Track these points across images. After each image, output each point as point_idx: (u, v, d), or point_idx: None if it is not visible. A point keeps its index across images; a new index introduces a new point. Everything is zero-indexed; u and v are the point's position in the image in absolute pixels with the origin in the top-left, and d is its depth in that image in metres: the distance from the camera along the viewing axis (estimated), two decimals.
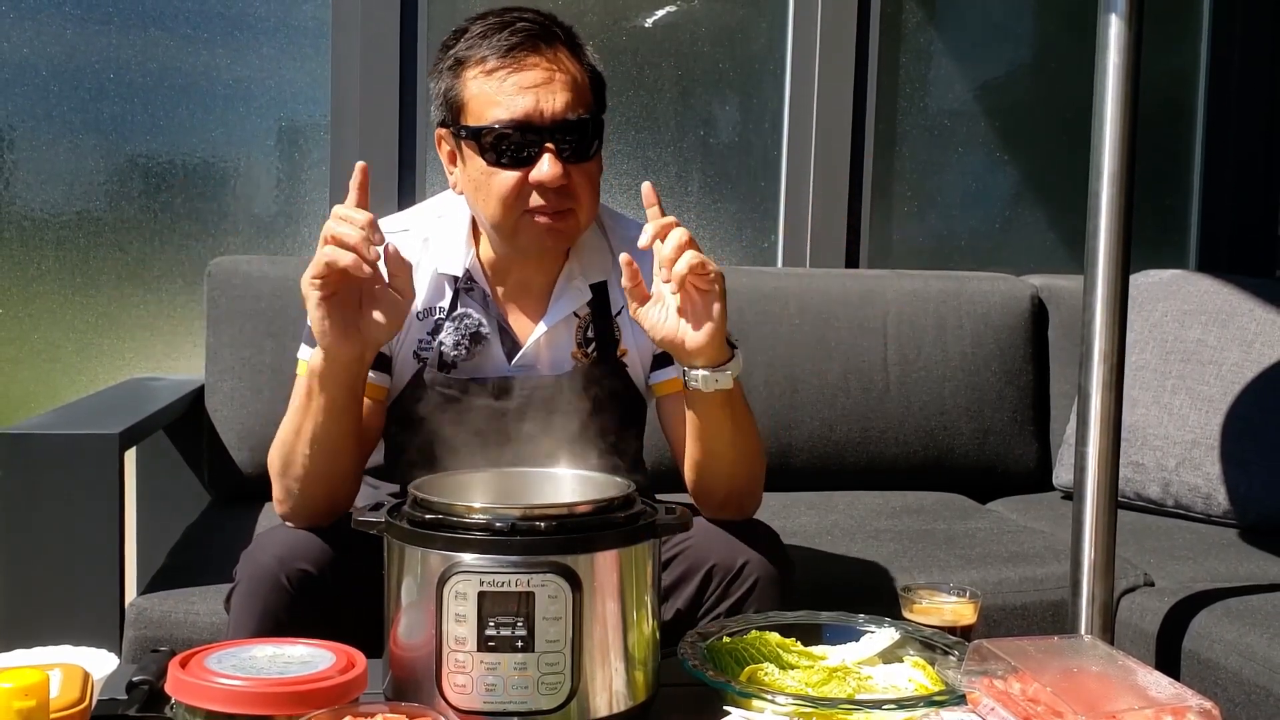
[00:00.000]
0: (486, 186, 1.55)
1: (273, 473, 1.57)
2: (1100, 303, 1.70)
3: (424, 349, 1.64)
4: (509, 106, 1.52)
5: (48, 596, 1.75)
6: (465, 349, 1.63)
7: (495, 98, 1.53)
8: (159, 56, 2.64)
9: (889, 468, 2.58)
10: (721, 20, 2.93)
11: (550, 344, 1.65)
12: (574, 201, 1.56)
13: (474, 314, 1.64)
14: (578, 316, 1.67)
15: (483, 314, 1.64)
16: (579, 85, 1.57)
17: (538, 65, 1.53)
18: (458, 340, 1.63)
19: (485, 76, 1.54)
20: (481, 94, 1.54)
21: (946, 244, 3.11)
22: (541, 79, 1.53)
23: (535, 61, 1.54)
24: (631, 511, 1.23)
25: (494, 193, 1.55)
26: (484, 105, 1.54)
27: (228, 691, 1.08)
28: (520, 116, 1.52)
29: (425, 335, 1.63)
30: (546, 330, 1.64)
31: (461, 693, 1.15)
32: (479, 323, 1.64)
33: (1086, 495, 1.71)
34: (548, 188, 1.53)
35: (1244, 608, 1.83)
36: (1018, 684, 1.13)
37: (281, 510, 1.57)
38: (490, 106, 1.53)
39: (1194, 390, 2.39)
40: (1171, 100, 3.22)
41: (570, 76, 1.55)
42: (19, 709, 0.99)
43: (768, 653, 1.31)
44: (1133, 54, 1.66)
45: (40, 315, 2.63)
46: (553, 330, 1.65)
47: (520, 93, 1.52)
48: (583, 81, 1.58)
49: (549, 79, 1.53)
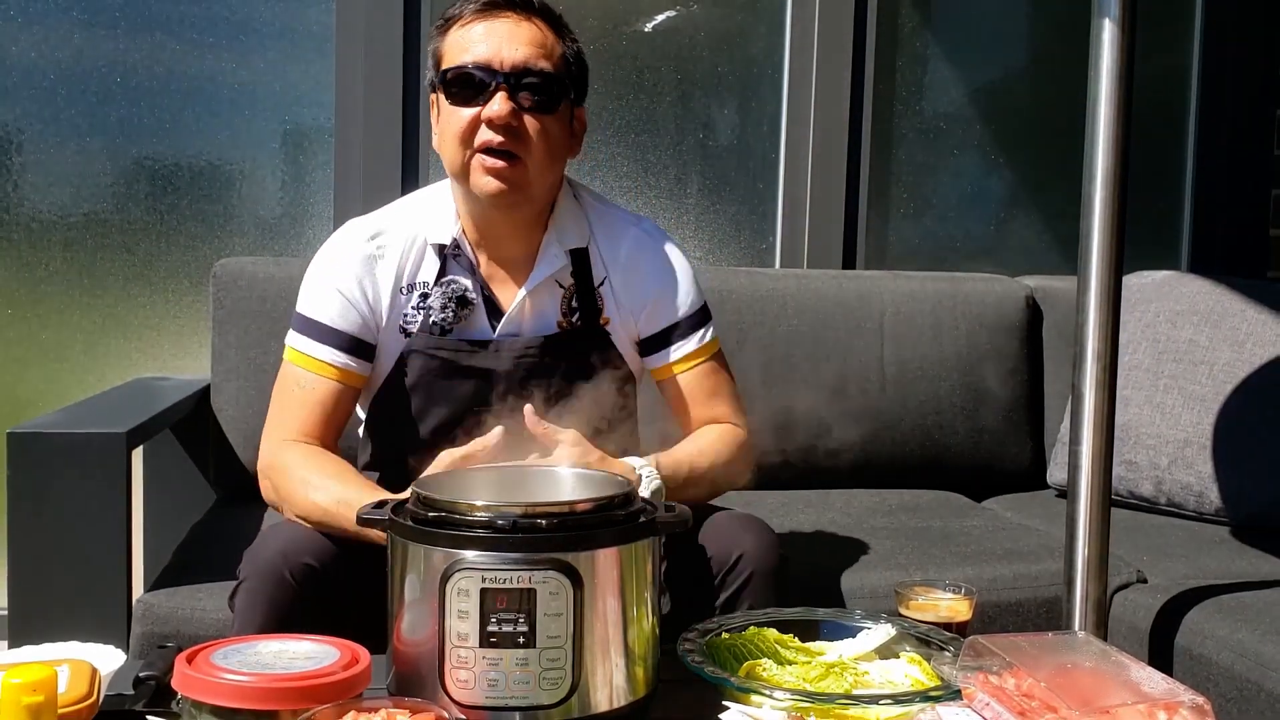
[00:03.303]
0: (446, 126, 1.63)
1: (264, 491, 1.64)
2: (1094, 303, 1.71)
3: (410, 321, 1.68)
4: (474, 51, 1.60)
5: (56, 593, 1.75)
6: (453, 312, 1.68)
7: (465, 44, 1.61)
8: (165, 60, 2.65)
9: (885, 466, 2.59)
10: (720, 25, 2.94)
11: (534, 311, 1.70)
12: (524, 149, 1.60)
13: (461, 279, 1.69)
14: (562, 287, 1.72)
15: (469, 280, 1.69)
16: (548, 46, 1.63)
17: (507, 19, 1.62)
18: (445, 304, 1.68)
19: (460, 29, 1.63)
20: (454, 43, 1.63)
21: (942, 245, 3.12)
22: (507, 28, 1.61)
23: (506, 15, 1.62)
24: (631, 509, 1.24)
25: (450, 129, 1.61)
26: (455, 52, 1.62)
27: (234, 687, 1.08)
28: (481, 59, 1.60)
29: (410, 309, 1.68)
30: (528, 295, 1.69)
31: (464, 688, 1.15)
32: (465, 288, 1.69)
33: (1080, 493, 1.72)
34: (496, 124, 1.58)
35: (1235, 604, 1.84)
36: (1012, 679, 1.14)
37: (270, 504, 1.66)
38: (460, 52, 1.61)
39: (1186, 390, 2.40)
40: (1164, 103, 3.22)
41: (540, 35, 1.63)
42: (27, 704, 0.99)
43: (766, 648, 1.32)
44: (1126, 58, 1.67)
45: (48, 316, 2.65)
46: (536, 297, 1.70)
47: (485, 38, 1.61)
48: (552, 47, 1.64)
49: (514, 29, 1.61)
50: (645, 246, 1.77)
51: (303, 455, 1.61)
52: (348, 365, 1.66)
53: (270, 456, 1.64)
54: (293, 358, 1.67)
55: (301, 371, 1.66)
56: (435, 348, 1.67)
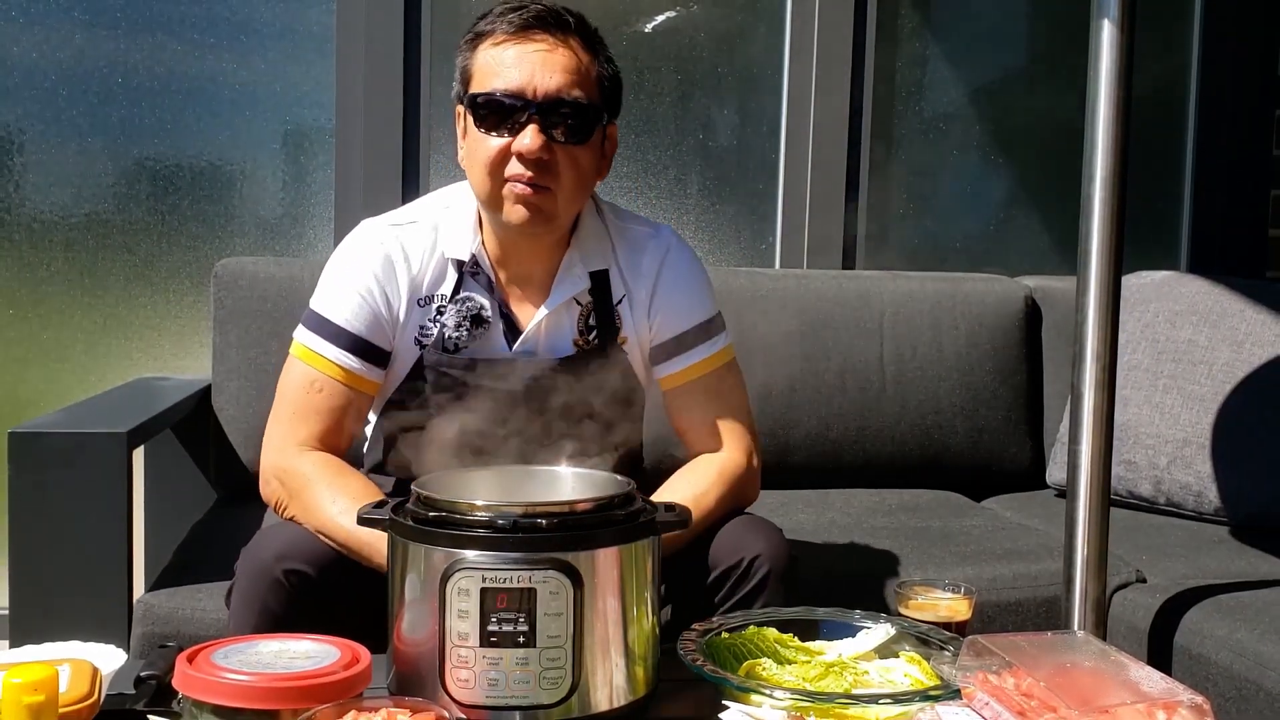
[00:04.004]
0: (475, 153, 1.58)
1: (268, 492, 1.62)
2: (1093, 303, 1.71)
3: (425, 334, 1.65)
4: (505, 76, 1.55)
5: (57, 593, 1.75)
6: (467, 330, 1.65)
7: (496, 68, 1.56)
8: (166, 61, 2.66)
9: (885, 466, 2.60)
10: (720, 26, 2.94)
11: (551, 330, 1.67)
12: (554, 181, 1.57)
13: (477, 297, 1.66)
14: (580, 304, 1.69)
15: (486, 298, 1.66)
16: (581, 71, 1.57)
17: (542, 42, 1.56)
18: (459, 322, 1.65)
19: (493, 48, 1.57)
20: (486, 64, 1.57)
21: (942, 245, 3.12)
22: (541, 55, 1.55)
23: (542, 38, 1.56)
24: (631, 509, 1.24)
25: (479, 158, 1.57)
26: (486, 75, 1.57)
27: (234, 686, 1.08)
28: (514, 86, 1.54)
29: (427, 321, 1.65)
30: (547, 315, 1.66)
31: (464, 687, 1.16)
32: (481, 306, 1.66)
33: (1079, 493, 1.72)
34: (527, 158, 1.54)
35: (1234, 604, 1.84)
36: (1012, 679, 1.14)
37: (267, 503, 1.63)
38: (491, 76, 1.56)
39: (1185, 389, 2.41)
40: (1164, 103, 3.23)
41: (574, 61, 1.57)
42: (29, 704, 0.99)
43: (766, 648, 1.32)
44: (1125, 59, 1.67)
45: (49, 316, 2.65)
46: (554, 316, 1.67)
47: (519, 63, 1.55)
48: (588, 71, 1.58)
49: (548, 56, 1.55)
50: (661, 256, 1.73)
51: (323, 467, 1.57)
52: (358, 369, 1.62)
53: (285, 460, 1.59)
54: (303, 355, 1.63)
55: (315, 372, 1.61)
56: (448, 365, 1.63)
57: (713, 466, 1.68)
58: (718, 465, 1.68)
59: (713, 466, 1.68)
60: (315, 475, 1.56)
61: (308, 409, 1.61)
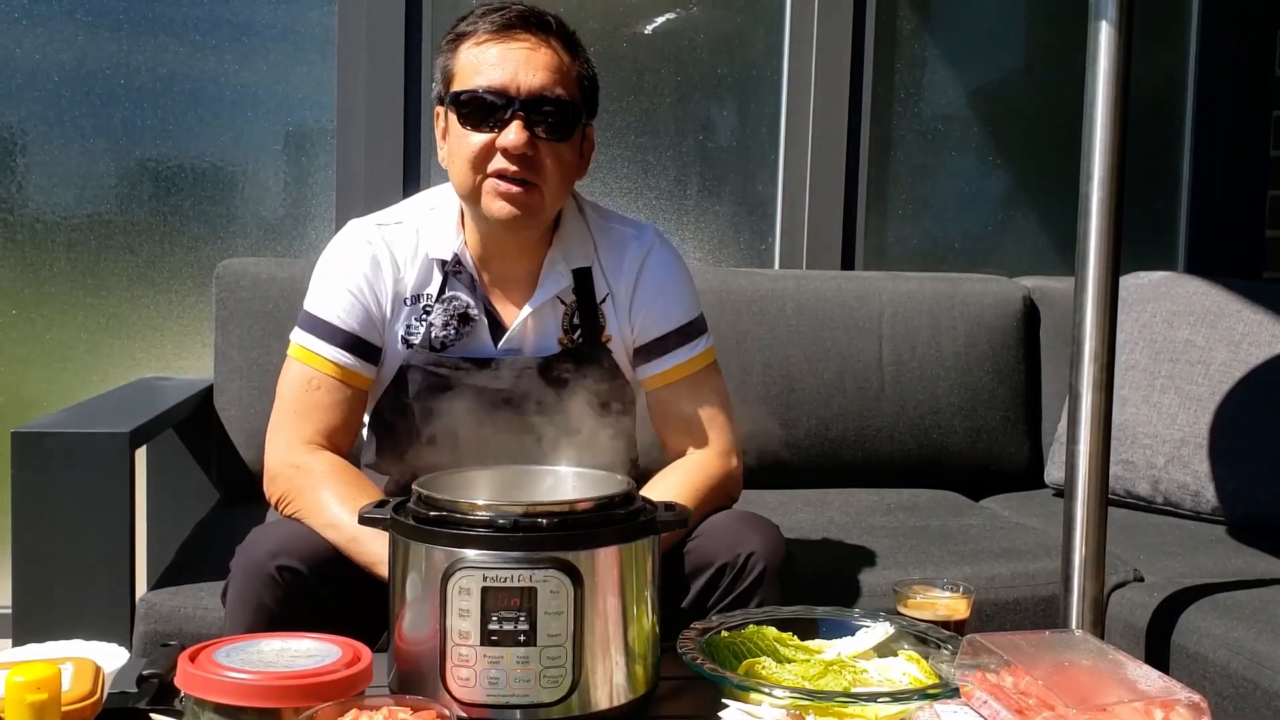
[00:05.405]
0: (458, 150, 1.60)
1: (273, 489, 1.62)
2: (1091, 304, 1.71)
3: (412, 333, 1.67)
4: (489, 74, 1.57)
5: (60, 592, 1.76)
6: (454, 329, 1.67)
7: (480, 66, 1.58)
8: (168, 62, 2.67)
9: (884, 466, 2.60)
10: (720, 27, 2.95)
11: (536, 328, 1.69)
12: (538, 177, 1.58)
13: (462, 296, 1.67)
14: (564, 303, 1.70)
15: (470, 297, 1.68)
16: (563, 70, 1.60)
17: (525, 41, 1.58)
18: (446, 320, 1.66)
19: (475, 48, 1.59)
20: (469, 63, 1.59)
21: (940, 246, 3.13)
22: (524, 53, 1.57)
23: (524, 38, 1.58)
24: (631, 508, 1.25)
25: (462, 154, 1.59)
26: (469, 73, 1.59)
27: (236, 685, 1.08)
28: (498, 83, 1.56)
29: (414, 320, 1.67)
30: (531, 313, 1.67)
31: (465, 686, 1.16)
32: (467, 304, 1.67)
33: (1077, 492, 1.73)
34: (511, 153, 1.56)
35: (1231, 603, 1.84)
36: (1010, 677, 1.14)
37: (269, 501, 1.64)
38: (474, 74, 1.58)
39: (1183, 389, 2.41)
40: (1161, 104, 3.23)
41: (556, 60, 1.59)
42: (31, 702, 1.00)
43: (765, 647, 1.33)
44: (1123, 59, 1.68)
45: (52, 316, 2.66)
46: (538, 315, 1.68)
47: (501, 62, 1.57)
48: (568, 70, 1.61)
49: (531, 55, 1.58)
50: (643, 256, 1.74)
51: (332, 467, 1.59)
52: (353, 366, 1.64)
53: (294, 456, 1.60)
54: (299, 355, 1.65)
55: (313, 371, 1.63)
56: (435, 364, 1.65)
57: (695, 467, 1.69)
58: (700, 465, 1.69)
59: (695, 467, 1.69)
60: (325, 474, 1.57)
61: (308, 407, 1.63)
